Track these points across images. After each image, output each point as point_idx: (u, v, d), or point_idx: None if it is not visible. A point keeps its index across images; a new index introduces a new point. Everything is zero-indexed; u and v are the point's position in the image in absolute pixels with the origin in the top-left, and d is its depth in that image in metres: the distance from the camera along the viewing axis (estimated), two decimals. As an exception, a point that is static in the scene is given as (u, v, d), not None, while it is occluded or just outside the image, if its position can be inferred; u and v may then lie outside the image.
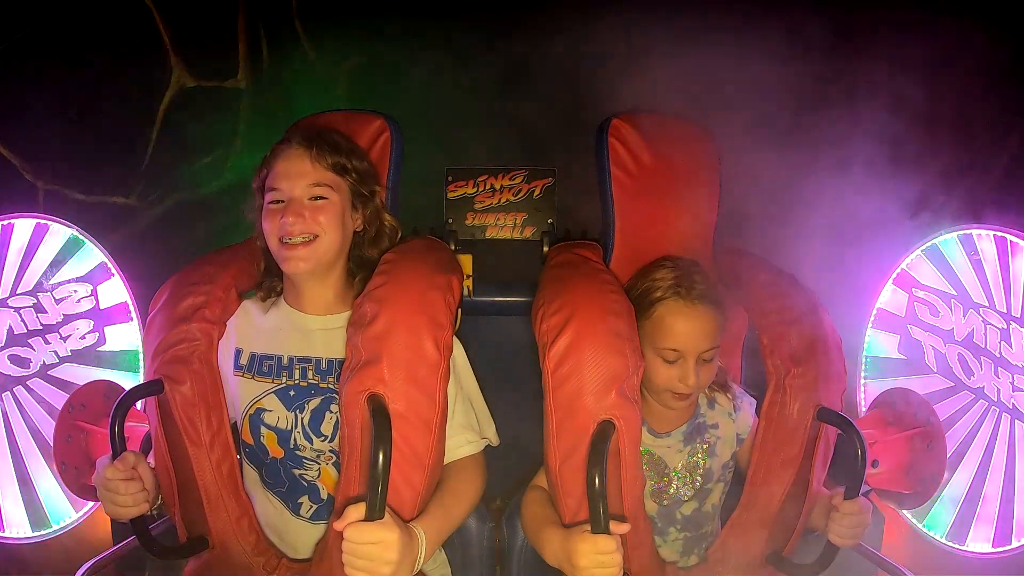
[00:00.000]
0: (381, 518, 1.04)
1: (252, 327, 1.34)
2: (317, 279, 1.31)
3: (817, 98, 2.07)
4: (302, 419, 1.27)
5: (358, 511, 1.04)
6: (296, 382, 1.29)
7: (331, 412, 1.27)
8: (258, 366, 1.31)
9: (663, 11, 2.03)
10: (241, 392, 1.29)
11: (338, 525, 1.05)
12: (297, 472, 1.28)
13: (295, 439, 1.26)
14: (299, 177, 1.27)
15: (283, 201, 1.27)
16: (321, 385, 1.28)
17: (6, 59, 1.73)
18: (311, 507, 1.29)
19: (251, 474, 1.31)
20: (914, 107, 2.03)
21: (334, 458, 1.26)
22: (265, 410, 1.28)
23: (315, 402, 1.27)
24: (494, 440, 1.38)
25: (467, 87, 2.07)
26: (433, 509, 1.20)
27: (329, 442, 1.26)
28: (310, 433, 1.26)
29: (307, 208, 1.26)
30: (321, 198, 1.27)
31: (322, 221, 1.26)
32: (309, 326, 1.33)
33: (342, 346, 1.21)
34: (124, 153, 1.95)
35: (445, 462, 1.25)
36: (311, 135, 1.32)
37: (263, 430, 1.27)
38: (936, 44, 1.97)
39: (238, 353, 1.32)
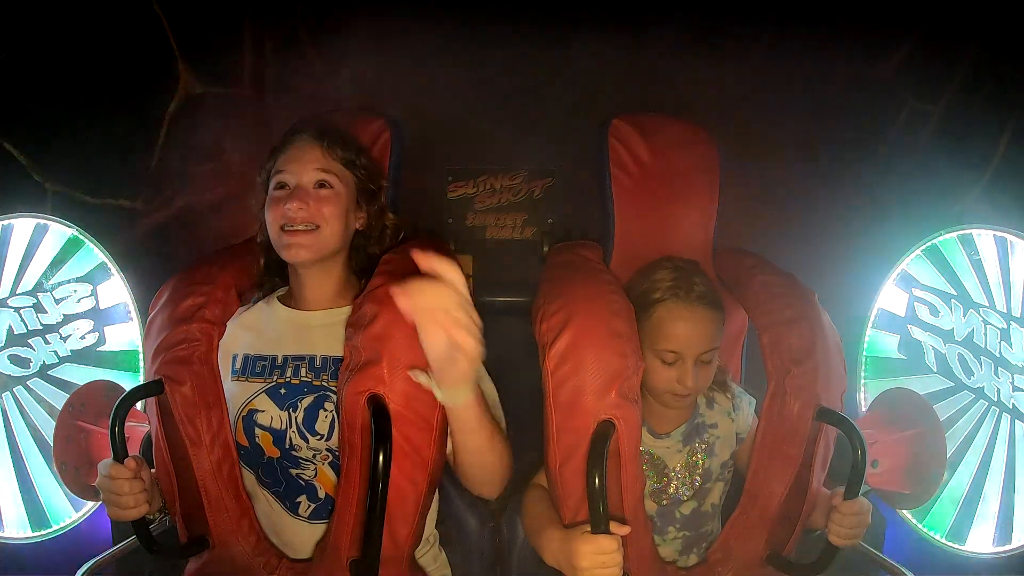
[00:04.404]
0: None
1: (246, 331, 1.34)
2: (318, 270, 1.31)
3: (815, 98, 2.07)
4: (295, 418, 1.26)
5: None
6: (288, 380, 1.28)
7: (324, 410, 1.26)
8: (251, 367, 1.30)
9: (666, 13, 2.04)
10: (235, 395, 1.29)
11: None
12: (294, 472, 1.27)
13: (290, 439, 1.26)
14: (308, 163, 1.28)
15: (288, 187, 1.27)
16: (315, 383, 1.27)
17: (17, 62, 1.74)
18: (309, 506, 1.28)
19: (248, 475, 1.30)
20: (912, 107, 2.03)
21: (331, 457, 1.26)
22: (257, 411, 1.27)
23: (308, 400, 1.27)
24: (502, 423, 1.35)
25: (468, 88, 2.07)
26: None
27: (325, 441, 1.26)
28: (305, 432, 1.26)
29: (312, 196, 1.26)
30: (327, 186, 1.28)
31: (325, 212, 1.26)
32: (309, 322, 1.32)
33: (342, 342, 1.21)
34: (131, 157, 1.96)
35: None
36: (323, 129, 1.33)
37: (257, 431, 1.27)
38: (930, 44, 1.98)
39: (234, 359, 1.32)
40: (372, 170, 1.36)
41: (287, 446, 1.26)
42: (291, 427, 1.26)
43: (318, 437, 1.26)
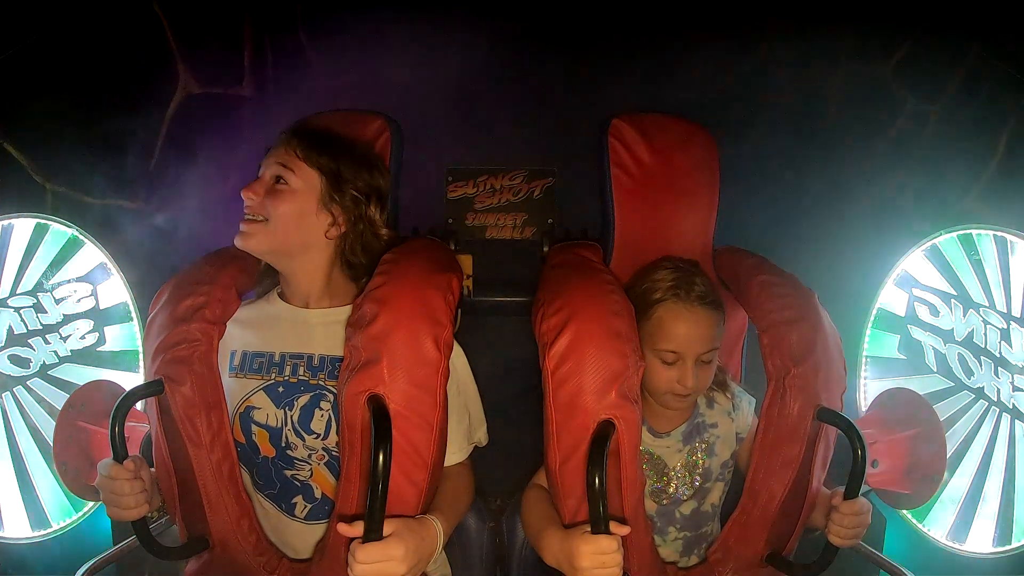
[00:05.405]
0: (379, 539, 1.04)
1: (245, 327, 1.34)
2: (294, 267, 1.31)
3: (815, 98, 2.07)
4: (292, 416, 1.26)
5: (358, 527, 1.05)
6: (286, 378, 1.28)
7: (320, 409, 1.26)
8: (249, 364, 1.30)
9: (666, 13, 2.04)
10: (233, 392, 1.29)
11: (344, 530, 1.07)
12: (289, 472, 1.27)
13: (286, 437, 1.26)
14: (273, 157, 1.29)
15: None
16: (311, 382, 1.27)
17: (17, 63, 1.75)
18: (306, 507, 1.28)
19: (243, 476, 1.30)
20: (912, 107, 2.03)
21: (327, 457, 1.26)
22: (255, 408, 1.27)
23: (304, 399, 1.27)
24: (483, 441, 1.40)
25: (468, 87, 2.07)
26: (444, 506, 1.23)
27: (322, 440, 1.26)
28: (300, 431, 1.26)
29: (264, 187, 1.27)
30: (283, 181, 1.27)
31: (276, 206, 1.25)
32: (308, 320, 1.32)
33: (341, 342, 1.21)
34: (131, 157, 1.97)
35: None
36: (299, 127, 1.33)
37: (254, 428, 1.27)
38: (930, 44, 1.97)
39: (232, 355, 1.32)
40: (349, 179, 1.29)
41: (283, 444, 1.26)
42: (287, 425, 1.26)
43: (314, 436, 1.26)
